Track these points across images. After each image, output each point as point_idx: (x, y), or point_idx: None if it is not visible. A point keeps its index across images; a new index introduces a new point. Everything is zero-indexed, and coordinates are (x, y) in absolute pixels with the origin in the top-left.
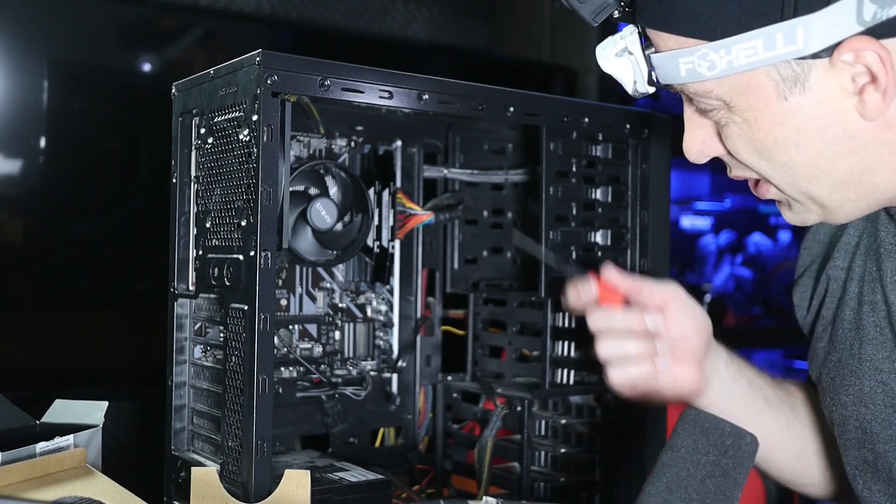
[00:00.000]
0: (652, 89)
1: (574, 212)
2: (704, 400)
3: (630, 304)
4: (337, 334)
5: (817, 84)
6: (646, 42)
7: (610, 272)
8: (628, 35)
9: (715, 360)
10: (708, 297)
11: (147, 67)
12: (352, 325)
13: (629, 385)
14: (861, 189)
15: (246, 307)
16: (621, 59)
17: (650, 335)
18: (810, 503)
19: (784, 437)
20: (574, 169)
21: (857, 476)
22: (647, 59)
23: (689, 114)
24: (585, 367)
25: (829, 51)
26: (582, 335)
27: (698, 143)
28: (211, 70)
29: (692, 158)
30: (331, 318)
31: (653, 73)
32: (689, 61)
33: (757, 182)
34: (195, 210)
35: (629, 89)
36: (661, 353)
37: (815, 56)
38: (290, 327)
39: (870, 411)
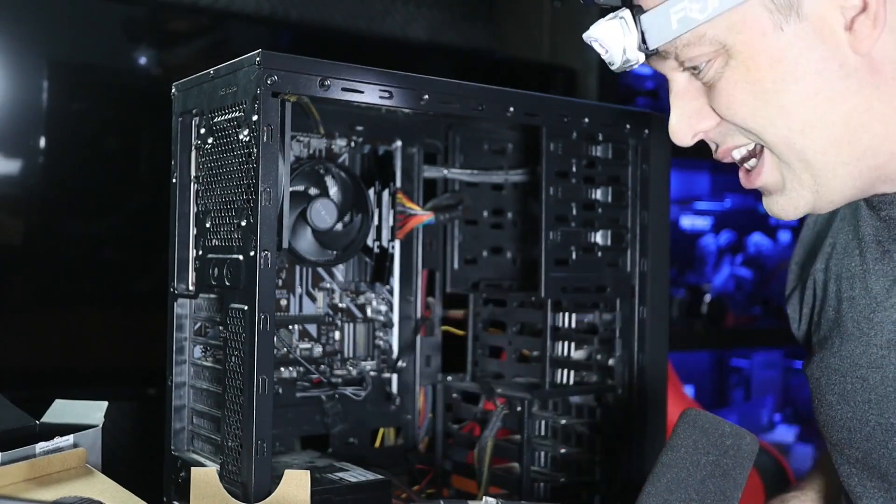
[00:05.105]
0: (642, 57)
1: (574, 212)
2: None
3: None
4: (337, 334)
5: (811, 12)
6: (634, 11)
7: None
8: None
9: None
10: (708, 297)
11: (147, 67)
12: (352, 325)
13: None
14: (853, 150)
15: (246, 307)
16: (612, 22)
17: None
18: None
19: None
20: (574, 169)
21: (851, 475)
22: (638, 22)
23: (676, 90)
24: (585, 368)
25: None
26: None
27: (687, 118)
28: (211, 70)
29: (680, 137)
30: (331, 319)
31: (645, 36)
32: (680, 9)
33: (748, 168)
34: (195, 210)
35: (617, 59)
36: None
37: None
38: (290, 327)
39: (851, 409)
